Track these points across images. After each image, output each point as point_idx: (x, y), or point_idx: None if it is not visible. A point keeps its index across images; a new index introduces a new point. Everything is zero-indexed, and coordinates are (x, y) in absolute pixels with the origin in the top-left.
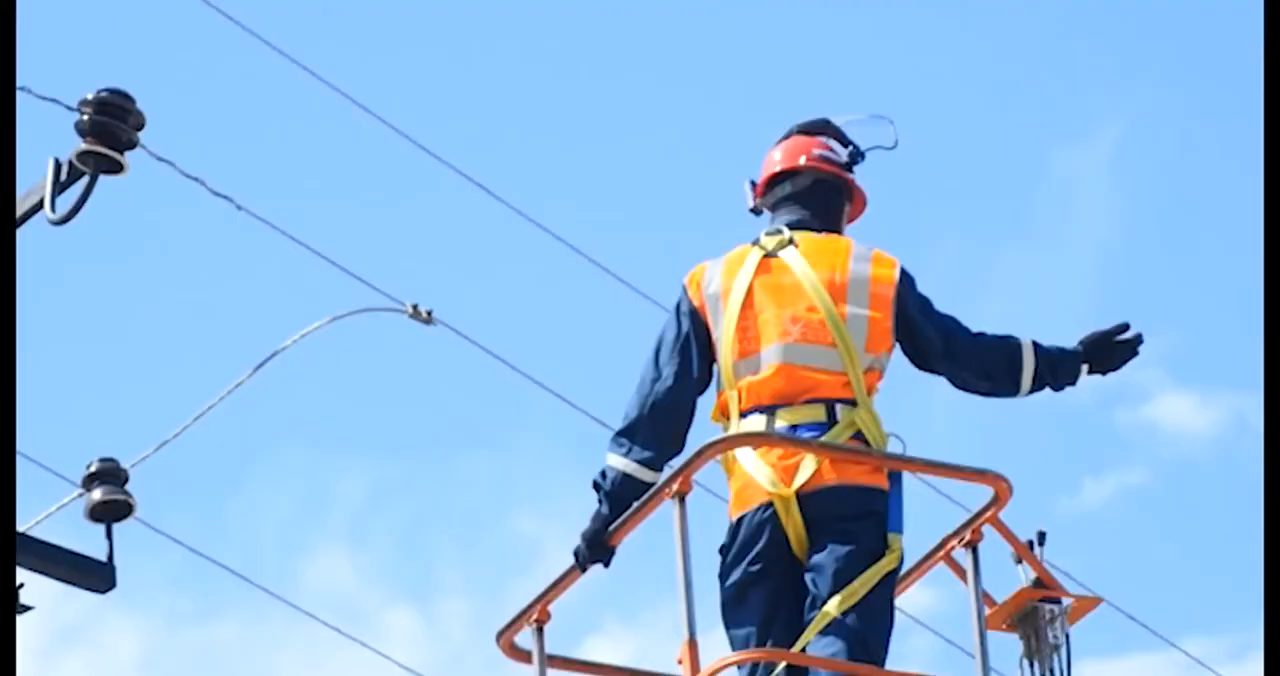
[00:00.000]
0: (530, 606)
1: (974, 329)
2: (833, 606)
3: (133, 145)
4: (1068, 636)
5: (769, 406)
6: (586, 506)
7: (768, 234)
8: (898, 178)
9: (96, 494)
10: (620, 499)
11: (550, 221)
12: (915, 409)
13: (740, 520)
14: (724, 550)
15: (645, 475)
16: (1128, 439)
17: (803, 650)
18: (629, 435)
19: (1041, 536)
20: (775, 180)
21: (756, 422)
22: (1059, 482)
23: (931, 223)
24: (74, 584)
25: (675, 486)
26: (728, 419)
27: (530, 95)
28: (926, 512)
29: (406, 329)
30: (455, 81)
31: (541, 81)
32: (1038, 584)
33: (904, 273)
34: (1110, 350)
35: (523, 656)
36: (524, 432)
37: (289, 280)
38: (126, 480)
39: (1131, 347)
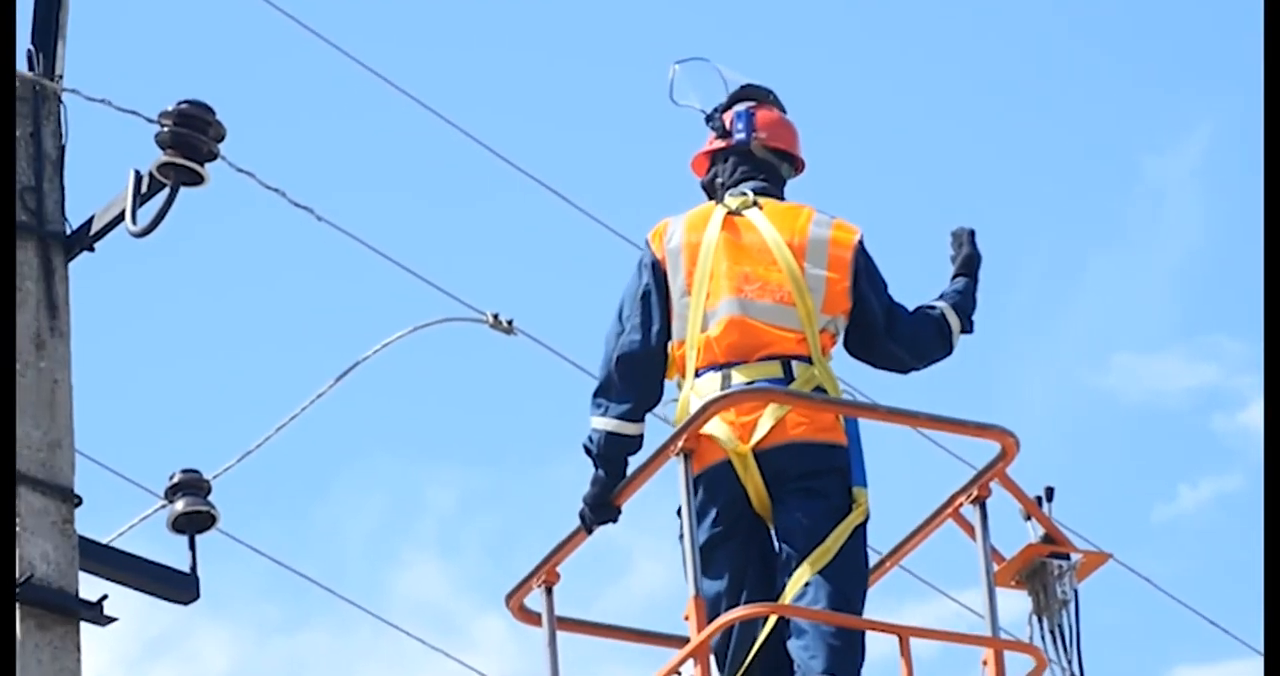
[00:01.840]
0: (538, 568)
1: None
2: (809, 563)
3: (213, 157)
4: (1076, 592)
5: (724, 364)
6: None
7: (731, 195)
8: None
9: (179, 505)
10: (611, 458)
11: (630, 230)
12: (1006, 413)
13: (698, 479)
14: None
15: (627, 429)
16: (1224, 445)
17: None
18: (604, 394)
19: (1050, 492)
20: (774, 153)
21: (711, 380)
22: (1155, 489)
23: (1023, 229)
24: (157, 595)
25: (680, 443)
26: (683, 376)
27: (614, 102)
28: (929, 469)
29: (487, 339)
30: (537, 90)
31: (626, 88)
32: (1046, 540)
33: (862, 244)
34: (970, 258)
35: (533, 618)
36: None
37: (370, 290)
38: (209, 491)
39: (973, 241)
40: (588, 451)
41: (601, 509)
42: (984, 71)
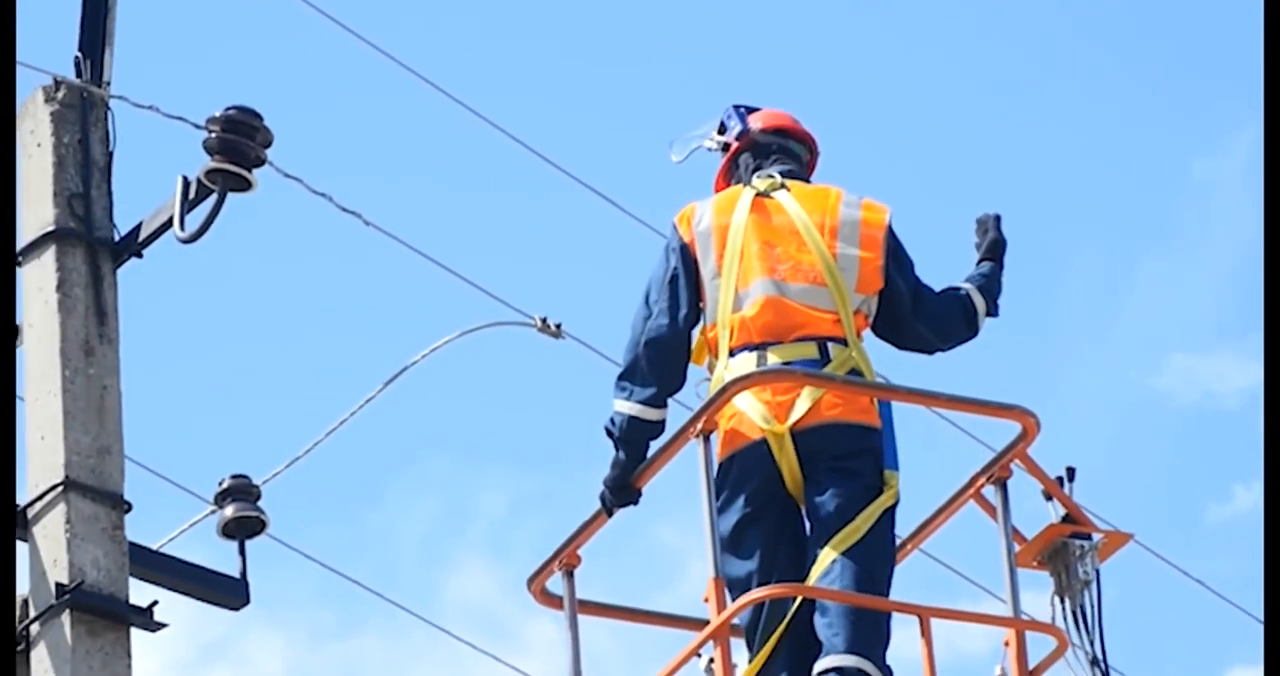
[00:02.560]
0: (559, 551)
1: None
2: (837, 543)
3: (260, 162)
4: (1098, 572)
5: (759, 344)
6: None
7: (759, 177)
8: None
9: (229, 511)
10: (633, 442)
11: None
12: (1053, 412)
13: (731, 458)
14: (714, 489)
15: (650, 414)
16: None
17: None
18: (629, 377)
19: (1071, 472)
20: (775, 133)
21: (747, 361)
22: (1209, 489)
23: (1074, 231)
24: (207, 601)
25: (700, 425)
26: (716, 357)
27: (664, 106)
28: (949, 452)
29: (535, 342)
30: (587, 94)
31: (677, 92)
32: (1067, 520)
33: (891, 225)
34: (996, 243)
35: (554, 602)
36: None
37: (418, 295)
38: (259, 497)
39: (999, 226)
40: (609, 434)
41: (622, 491)
42: (1031, 75)
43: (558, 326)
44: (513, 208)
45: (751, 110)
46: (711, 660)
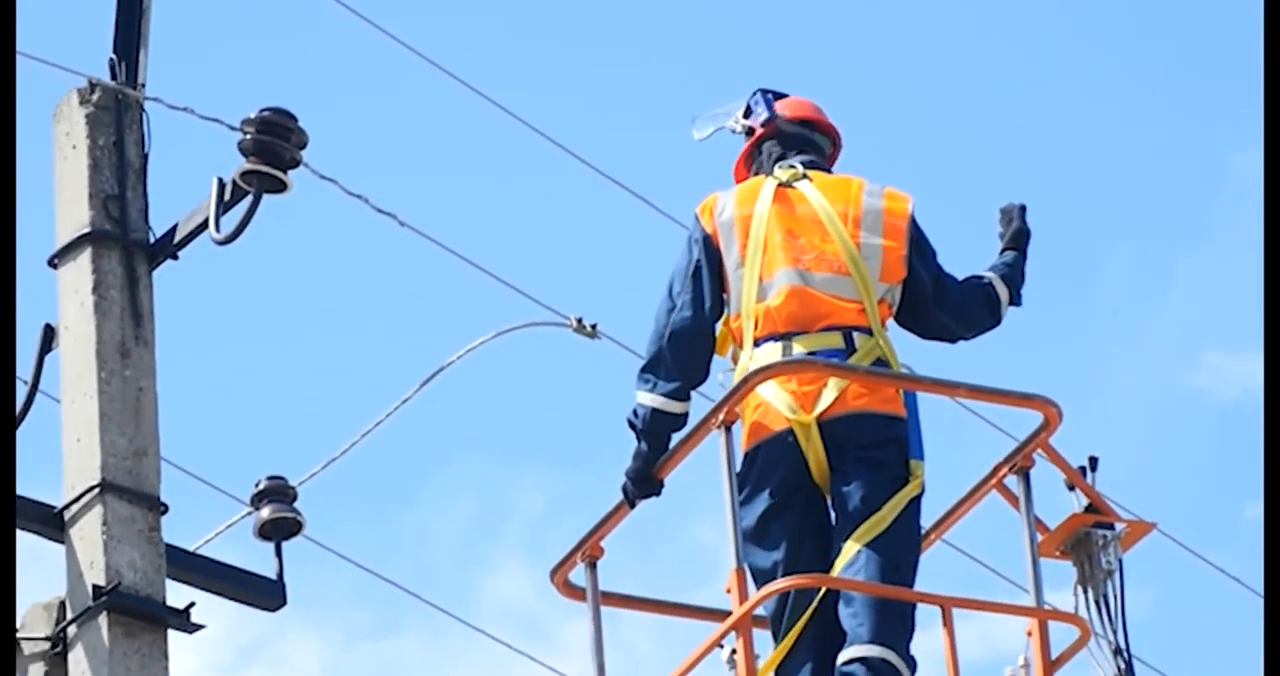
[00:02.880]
0: (582, 543)
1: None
2: (862, 533)
3: (296, 164)
4: (1120, 562)
5: (784, 333)
6: None
7: (780, 168)
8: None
9: (265, 512)
10: (655, 434)
11: None
12: (1091, 410)
13: (757, 448)
14: (739, 480)
15: (673, 407)
16: None
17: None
18: (652, 370)
19: (1094, 462)
20: (801, 123)
21: (772, 350)
22: (1246, 487)
23: (1109, 229)
24: (244, 602)
25: (721, 416)
26: (740, 347)
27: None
28: (973, 442)
29: (571, 343)
30: (619, 96)
31: (712, 91)
32: (1090, 509)
33: (914, 214)
34: (1019, 233)
35: (577, 594)
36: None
37: (453, 296)
38: (295, 498)
39: (1023, 216)
40: (631, 426)
41: (644, 483)
42: (1068, 72)
43: (593, 327)
44: (548, 208)
45: (779, 96)
46: (734, 651)
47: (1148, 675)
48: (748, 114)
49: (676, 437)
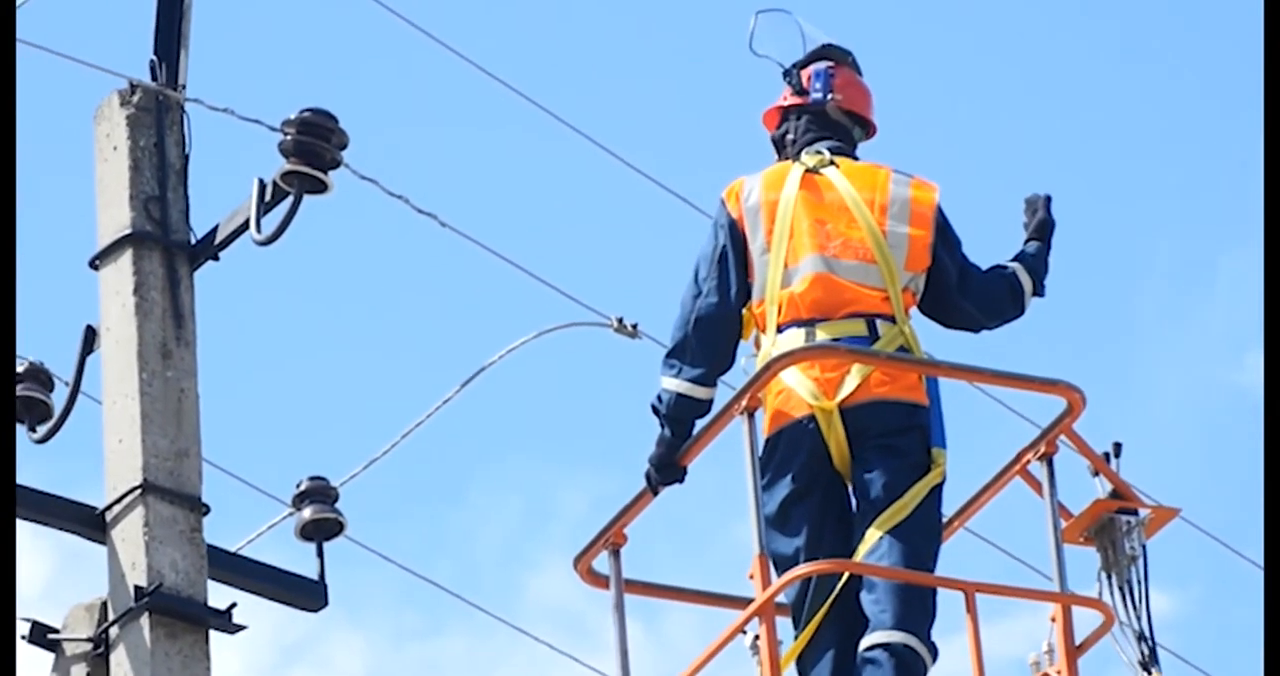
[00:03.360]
0: (605, 530)
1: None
2: (884, 520)
3: (336, 164)
4: (1144, 547)
5: (808, 320)
6: None
7: (808, 153)
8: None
9: (307, 513)
10: (679, 420)
11: None
12: (1136, 407)
13: (779, 434)
14: (761, 466)
15: (699, 392)
16: None
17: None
18: (678, 355)
19: (1118, 448)
20: (848, 115)
21: (795, 337)
22: None
23: (1152, 227)
24: (285, 603)
25: (744, 402)
26: (763, 333)
27: (736, 106)
28: (995, 429)
29: (612, 343)
30: (663, 96)
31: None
32: (1114, 495)
33: (940, 203)
34: (1044, 223)
35: (600, 581)
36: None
37: (494, 296)
38: (336, 498)
39: (1048, 207)
40: (655, 411)
41: (667, 469)
42: (1111, 69)
43: (634, 326)
44: (589, 208)
45: (840, 62)
46: (757, 637)
47: (1181, 668)
48: (805, 67)
49: (700, 425)
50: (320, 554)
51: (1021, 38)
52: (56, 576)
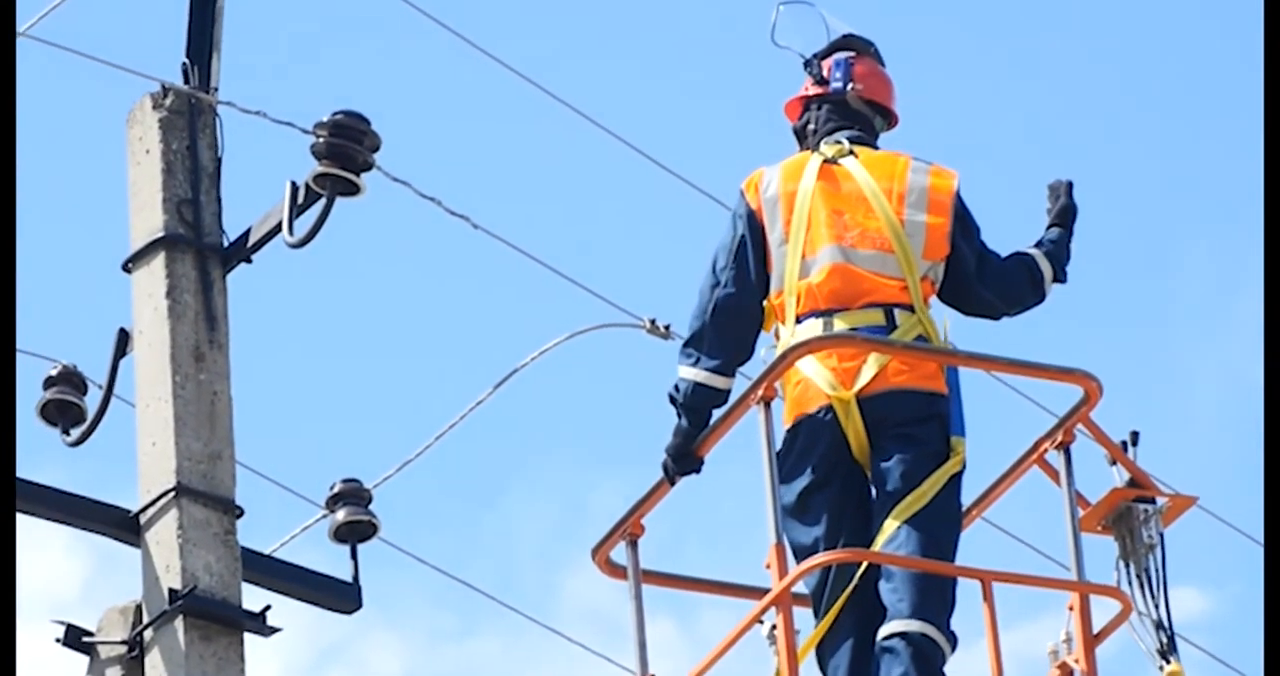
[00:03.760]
0: (623, 521)
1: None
2: (902, 508)
3: (368, 167)
4: (1162, 536)
5: (826, 310)
6: None
7: (827, 143)
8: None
9: (340, 515)
10: (696, 409)
11: None
12: (1172, 406)
13: (798, 425)
14: (780, 456)
15: (717, 382)
16: None
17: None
18: (695, 344)
19: (1135, 436)
20: (869, 104)
21: (813, 327)
22: None
23: (1189, 223)
24: (319, 605)
25: (760, 392)
26: (782, 324)
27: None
28: (1011, 418)
29: (644, 344)
30: (696, 98)
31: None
32: (1132, 484)
33: (959, 191)
34: (1066, 209)
35: (618, 572)
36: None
37: (526, 297)
38: (370, 500)
39: (1070, 193)
40: (673, 401)
41: (684, 459)
42: (1147, 67)
43: (667, 327)
44: (621, 209)
45: (862, 52)
46: (774, 626)
47: (1217, 668)
48: (826, 57)
49: (717, 415)
50: (354, 556)
51: (1062, 35)
52: (91, 579)
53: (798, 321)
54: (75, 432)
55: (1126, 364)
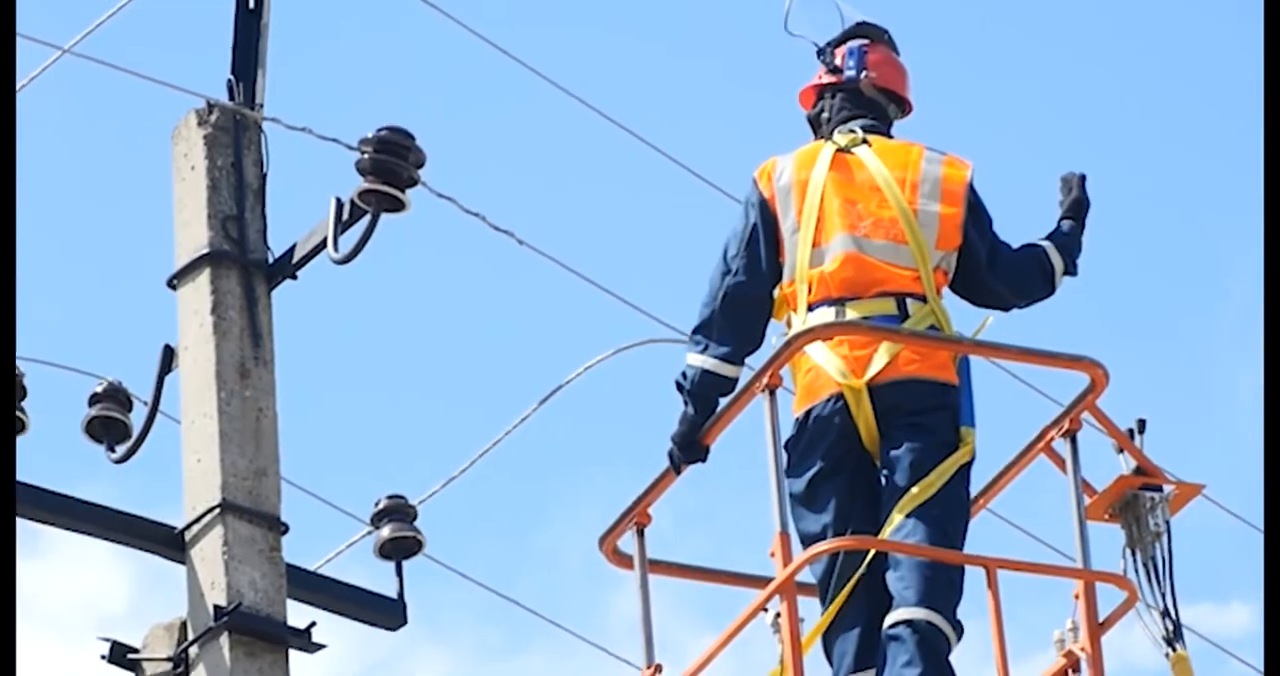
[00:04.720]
0: (630, 510)
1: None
2: (910, 497)
3: (413, 183)
4: (1169, 524)
5: (838, 298)
6: None
7: (840, 132)
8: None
9: (385, 531)
10: (704, 397)
11: None
12: (1216, 420)
13: (808, 413)
14: (790, 445)
15: (725, 370)
16: None
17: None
18: (704, 332)
19: (1141, 424)
20: (883, 92)
21: (825, 315)
22: None
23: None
24: (365, 621)
25: (765, 380)
26: (794, 312)
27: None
28: (1018, 404)
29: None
30: (740, 112)
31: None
32: (1138, 472)
33: (973, 181)
34: (1078, 202)
35: (625, 561)
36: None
37: (571, 313)
38: (415, 517)
39: (1083, 186)
40: (680, 388)
41: (689, 448)
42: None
43: None
44: (666, 225)
45: (875, 42)
46: (778, 614)
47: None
48: (839, 45)
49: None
50: (399, 572)
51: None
52: (136, 596)
53: (809, 310)
54: (120, 449)
55: (1170, 382)
